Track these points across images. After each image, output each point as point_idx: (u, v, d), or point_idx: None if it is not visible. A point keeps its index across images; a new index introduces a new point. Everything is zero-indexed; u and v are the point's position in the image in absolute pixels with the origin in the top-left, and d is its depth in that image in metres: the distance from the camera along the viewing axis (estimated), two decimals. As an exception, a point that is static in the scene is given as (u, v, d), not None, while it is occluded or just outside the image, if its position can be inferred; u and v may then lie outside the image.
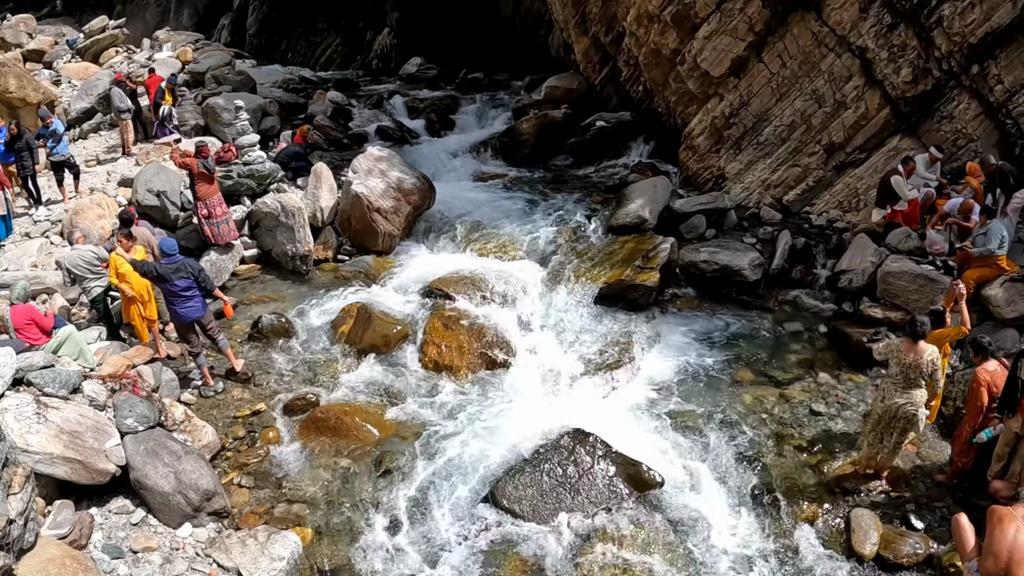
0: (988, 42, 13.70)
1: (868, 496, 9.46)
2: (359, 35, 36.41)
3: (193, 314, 11.28)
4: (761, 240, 15.19)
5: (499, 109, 24.37)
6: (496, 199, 17.81)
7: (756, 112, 16.58)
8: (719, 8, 16.36)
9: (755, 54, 16.27)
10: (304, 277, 15.09)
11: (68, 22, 42.24)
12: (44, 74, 30.90)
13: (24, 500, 8.04)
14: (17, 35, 36.09)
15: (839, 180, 15.93)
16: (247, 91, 24.73)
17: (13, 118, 19.82)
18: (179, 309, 11.21)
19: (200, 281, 11.26)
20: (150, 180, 15.68)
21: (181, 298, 11.13)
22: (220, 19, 41.93)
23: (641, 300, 13.74)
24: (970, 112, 14.35)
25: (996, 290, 11.84)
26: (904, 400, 8.99)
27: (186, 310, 11.20)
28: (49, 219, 16.71)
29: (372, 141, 21.64)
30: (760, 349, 12.75)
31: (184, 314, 11.23)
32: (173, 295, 11.15)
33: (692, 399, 11.50)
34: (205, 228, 14.52)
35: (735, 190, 17.04)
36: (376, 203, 15.52)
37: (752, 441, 10.50)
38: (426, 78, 29.92)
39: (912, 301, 12.39)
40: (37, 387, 9.63)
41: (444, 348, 12.52)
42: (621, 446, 10.05)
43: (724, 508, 9.53)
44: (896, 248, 13.39)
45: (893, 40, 14.58)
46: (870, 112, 15.18)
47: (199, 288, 11.26)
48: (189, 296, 11.16)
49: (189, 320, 11.31)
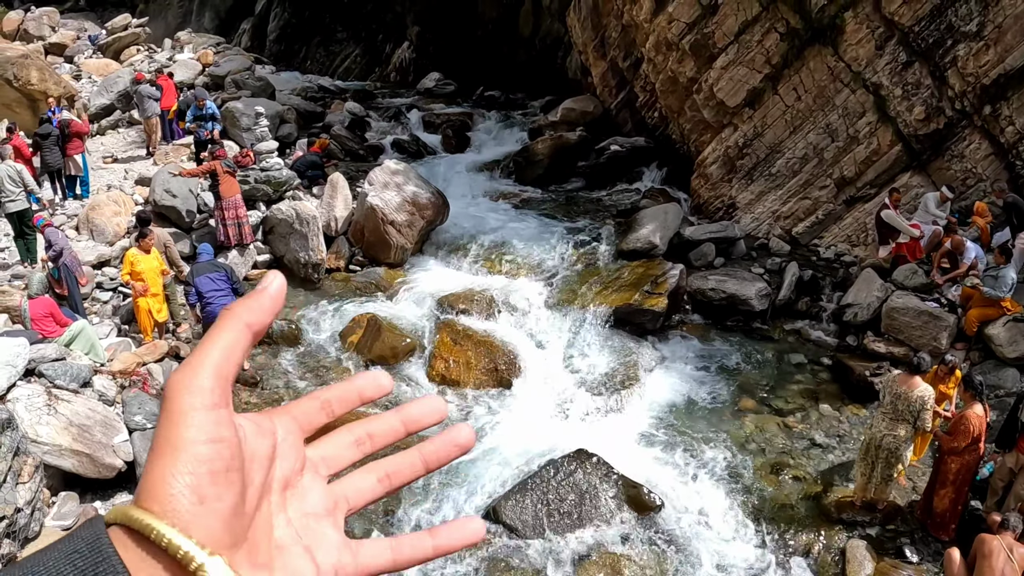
0: (1001, 83, 13.87)
1: (864, 528, 9.54)
2: (378, 47, 36.59)
3: None
4: (769, 270, 15.30)
5: (514, 128, 24.45)
6: (508, 218, 17.91)
7: (769, 143, 16.71)
8: (737, 39, 16.52)
9: (771, 86, 16.42)
10: (315, 285, 15.21)
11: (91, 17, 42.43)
12: (65, 68, 31.13)
13: (32, 490, 8.17)
14: (40, 28, 36.41)
15: (848, 214, 16.05)
16: (266, 97, 24.84)
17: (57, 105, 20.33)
18: (209, 308, 11.48)
19: (233, 282, 11.62)
20: (168, 181, 15.83)
21: (214, 294, 11.45)
22: (241, 23, 42.12)
23: (648, 324, 13.84)
24: (980, 152, 14.48)
25: (999, 329, 11.94)
26: (888, 431, 9.08)
27: (213, 308, 11.48)
28: (65, 213, 16.84)
29: (388, 154, 21.75)
30: (764, 378, 12.85)
31: (211, 311, 11.49)
32: (202, 294, 11.57)
33: (694, 424, 11.59)
34: (228, 229, 14.68)
35: (745, 220, 17.14)
36: (391, 216, 15.65)
37: (752, 469, 10.58)
38: (443, 93, 30.00)
39: (915, 337, 12.49)
40: (48, 379, 9.77)
41: (451, 363, 12.63)
42: (622, 468, 10.14)
43: (721, 534, 9.61)
44: (902, 284, 13.49)
45: (907, 78, 14.74)
46: (882, 148, 15.31)
47: (232, 289, 11.54)
48: (221, 295, 11.45)
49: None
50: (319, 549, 0.77)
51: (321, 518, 0.80)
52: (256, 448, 0.74)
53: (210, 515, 0.65)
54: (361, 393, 0.87)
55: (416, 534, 0.83)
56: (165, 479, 0.64)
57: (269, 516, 0.75)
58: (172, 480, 0.64)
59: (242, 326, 0.73)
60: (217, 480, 0.66)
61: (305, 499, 0.79)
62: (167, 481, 0.64)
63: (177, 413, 0.66)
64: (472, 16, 31.57)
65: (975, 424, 8.78)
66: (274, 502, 0.76)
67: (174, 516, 0.63)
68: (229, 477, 0.67)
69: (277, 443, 0.78)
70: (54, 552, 0.62)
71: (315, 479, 0.82)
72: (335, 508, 0.82)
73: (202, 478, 0.65)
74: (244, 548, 0.69)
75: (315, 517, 0.79)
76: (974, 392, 9.03)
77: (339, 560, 0.77)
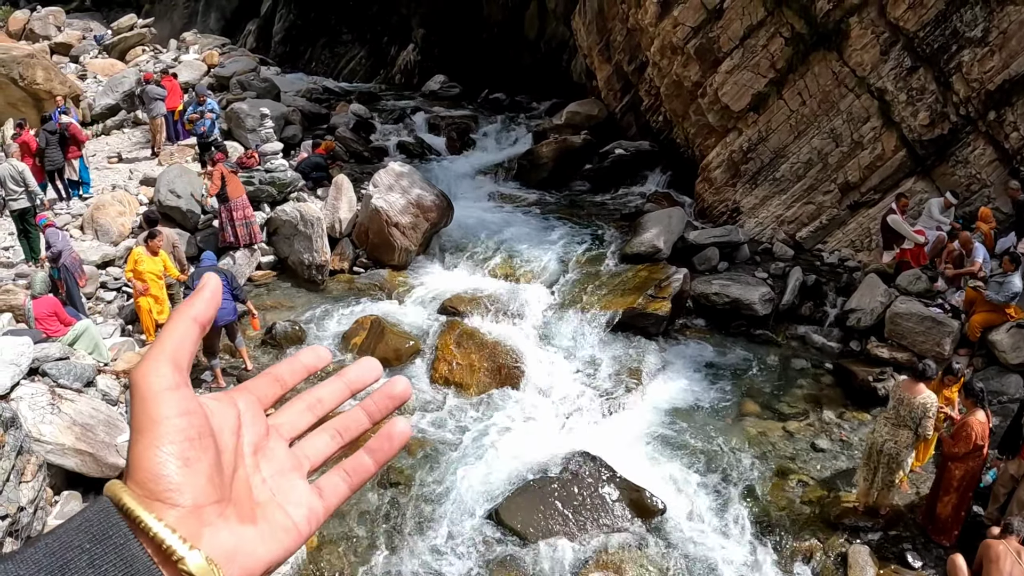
0: (1006, 89, 13.86)
1: (866, 533, 9.53)
2: (383, 49, 36.63)
3: (226, 316, 11.51)
4: (772, 275, 15.29)
5: (519, 131, 24.46)
6: (512, 221, 17.94)
7: (774, 148, 16.71)
8: (742, 44, 16.53)
9: (775, 91, 16.43)
10: (319, 287, 15.24)
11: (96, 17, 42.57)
12: (70, 68, 31.18)
13: (35, 489, 8.18)
14: (46, 27, 36.49)
15: (852, 219, 16.04)
16: (271, 98, 24.87)
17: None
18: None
19: (233, 288, 11.57)
20: (172, 181, 15.85)
21: None
22: (247, 25, 42.19)
23: (652, 328, 13.85)
24: (985, 158, 14.48)
25: (1002, 336, 11.93)
26: (889, 437, 9.08)
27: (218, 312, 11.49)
28: (69, 212, 16.88)
29: (392, 156, 21.79)
30: (766, 383, 12.85)
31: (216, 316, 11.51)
32: None
33: (697, 428, 11.59)
34: (238, 229, 14.69)
35: (749, 224, 17.15)
36: (395, 218, 15.67)
37: (754, 474, 10.58)
38: (448, 96, 30.02)
39: (919, 343, 12.48)
40: (52, 378, 9.79)
41: (455, 365, 12.64)
42: (625, 471, 10.15)
43: (723, 539, 9.60)
44: (906, 290, 13.49)
45: (912, 83, 14.74)
46: (886, 153, 15.31)
47: (231, 294, 11.53)
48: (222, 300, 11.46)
49: (219, 324, 11.51)
50: (290, 503, 0.87)
51: (289, 473, 0.90)
52: (223, 420, 0.85)
53: (195, 475, 0.75)
54: (306, 365, 1.00)
55: (356, 454, 0.95)
56: (151, 449, 0.74)
57: (247, 478, 0.85)
58: (157, 450, 0.74)
59: (189, 320, 0.85)
60: (195, 445, 0.76)
61: (274, 460, 0.90)
62: (154, 451, 0.74)
63: (148, 395, 0.76)
64: (477, 19, 31.62)
65: (977, 430, 8.77)
66: (248, 465, 0.87)
67: (166, 480, 0.73)
68: (204, 442, 0.77)
69: (240, 414, 0.88)
70: (69, 523, 0.71)
71: (279, 441, 0.92)
72: (299, 465, 0.92)
73: (182, 444, 0.75)
74: (231, 505, 0.79)
75: (284, 473, 0.90)
76: (975, 399, 9.03)
77: (309, 508, 0.88)
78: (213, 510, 0.76)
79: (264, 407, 0.94)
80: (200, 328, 0.85)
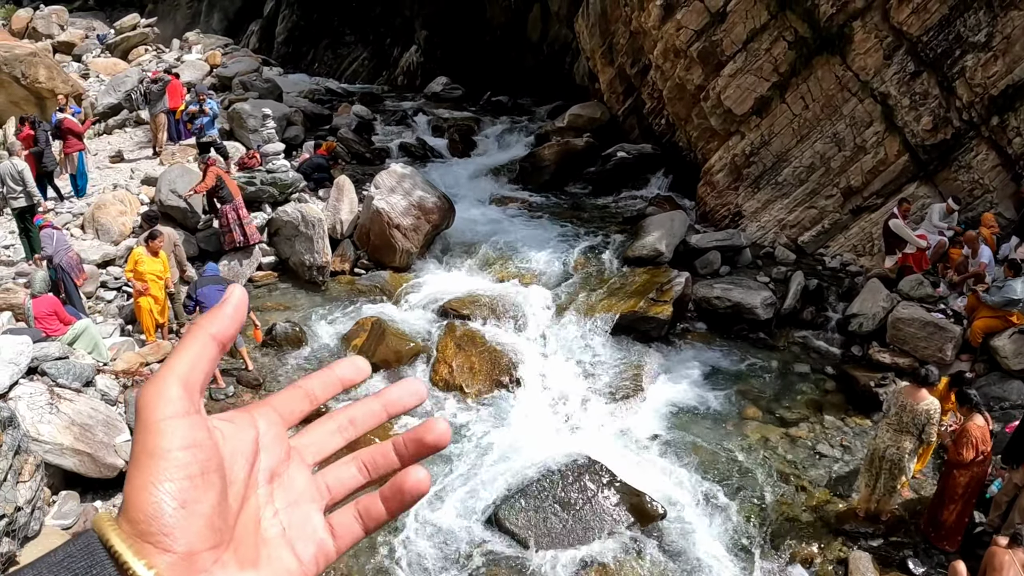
0: (1009, 94, 13.85)
1: (867, 539, 9.49)
2: (386, 50, 36.63)
3: None
4: (774, 279, 15.26)
5: (521, 134, 24.44)
6: (514, 223, 17.93)
7: (776, 152, 16.68)
8: (745, 47, 16.51)
9: (778, 94, 16.40)
10: (320, 288, 15.21)
11: (99, 17, 42.58)
12: (73, 67, 31.20)
13: (33, 489, 8.16)
14: (49, 26, 36.56)
15: (855, 224, 16.01)
16: (273, 99, 24.85)
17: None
18: None
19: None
20: (174, 181, 15.84)
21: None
22: (249, 25, 42.21)
23: (653, 332, 13.82)
24: (988, 163, 14.45)
25: (1004, 341, 11.90)
26: (892, 443, 9.04)
27: None
28: (71, 211, 16.87)
29: (394, 157, 21.77)
30: (768, 387, 12.81)
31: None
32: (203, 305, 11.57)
33: (698, 433, 11.56)
34: (236, 232, 14.68)
35: (751, 228, 17.12)
36: (396, 220, 15.65)
37: (755, 479, 10.55)
38: (450, 98, 29.97)
39: (921, 348, 12.45)
40: (51, 378, 9.76)
41: (456, 368, 12.61)
42: (625, 475, 10.12)
43: (723, 544, 9.56)
44: (908, 295, 13.45)
45: (915, 88, 14.71)
46: (889, 158, 15.28)
47: None
48: None
49: None
50: (301, 538, 0.80)
51: (306, 504, 0.83)
52: (236, 446, 0.77)
53: (193, 517, 0.68)
54: (342, 378, 0.90)
55: (372, 497, 0.86)
56: (147, 488, 0.67)
57: (257, 511, 0.78)
58: (154, 488, 0.67)
59: (207, 337, 0.76)
60: (196, 484, 0.69)
61: (291, 489, 0.83)
62: (149, 490, 0.67)
63: (151, 424, 0.69)
64: (480, 21, 31.61)
65: (977, 435, 8.74)
66: (261, 495, 0.79)
67: (160, 522, 0.66)
68: (208, 479, 0.70)
69: (259, 436, 0.81)
70: (50, 556, 0.66)
71: (299, 467, 0.84)
72: (318, 496, 0.85)
73: (182, 483, 0.68)
74: (231, 547, 0.72)
75: (301, 504, 0.83)
76: (969, 406, 8.98)
77: (319, 547, 0.81)
78: (209, 556, 0.69)
79: (289, 425, 0.86)
80: (219, 347, 0.77)
